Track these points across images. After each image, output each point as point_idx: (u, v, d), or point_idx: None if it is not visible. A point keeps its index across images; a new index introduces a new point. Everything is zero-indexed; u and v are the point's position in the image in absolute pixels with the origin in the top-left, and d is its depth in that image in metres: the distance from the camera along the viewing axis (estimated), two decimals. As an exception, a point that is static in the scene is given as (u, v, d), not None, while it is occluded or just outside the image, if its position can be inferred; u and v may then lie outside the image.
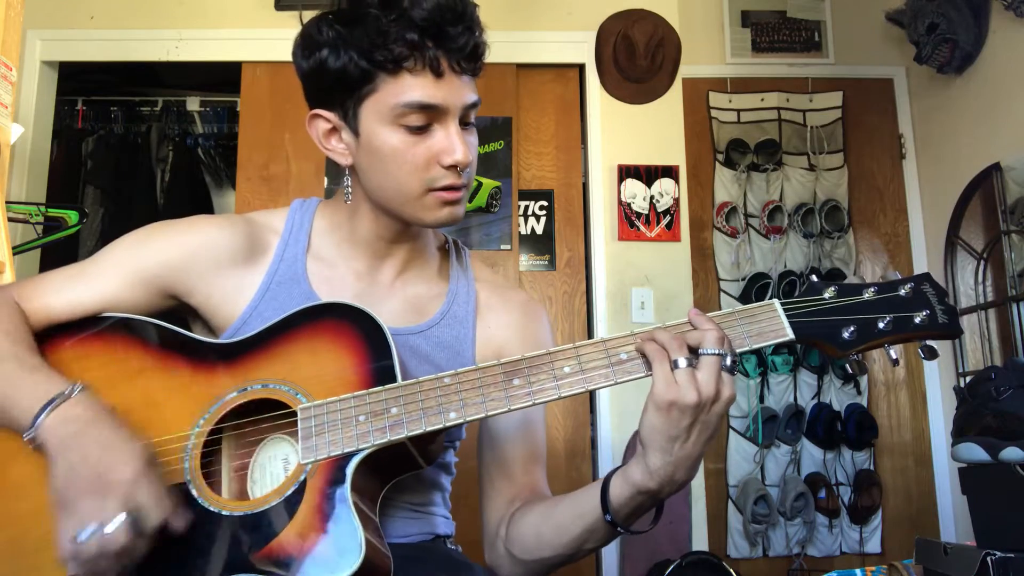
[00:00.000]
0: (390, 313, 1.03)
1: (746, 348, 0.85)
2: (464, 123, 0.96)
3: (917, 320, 0.85)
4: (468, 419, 0.83)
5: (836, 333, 0.85)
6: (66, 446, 0.79)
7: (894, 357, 0.86)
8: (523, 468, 1.03)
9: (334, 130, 0.98)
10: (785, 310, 0.86)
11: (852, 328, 0.85)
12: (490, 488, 1.04)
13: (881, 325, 0.85)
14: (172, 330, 0.96)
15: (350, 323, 0.90)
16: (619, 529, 0.87)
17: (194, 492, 0.85)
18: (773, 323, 0.85)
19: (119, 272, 0.97)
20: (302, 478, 0.83)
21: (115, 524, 0.74)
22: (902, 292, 0.87)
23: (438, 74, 0.91)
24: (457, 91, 0.93)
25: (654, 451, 0.80)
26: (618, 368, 0.83)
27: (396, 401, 0.84)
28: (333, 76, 0.93)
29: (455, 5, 0.91)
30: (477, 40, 0.93)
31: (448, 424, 0.83)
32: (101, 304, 0.96)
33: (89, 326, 0.96)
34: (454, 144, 0.93)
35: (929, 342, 0.87)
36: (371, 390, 0.85)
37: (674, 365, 0.79)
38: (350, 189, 1.02)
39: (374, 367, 0.87)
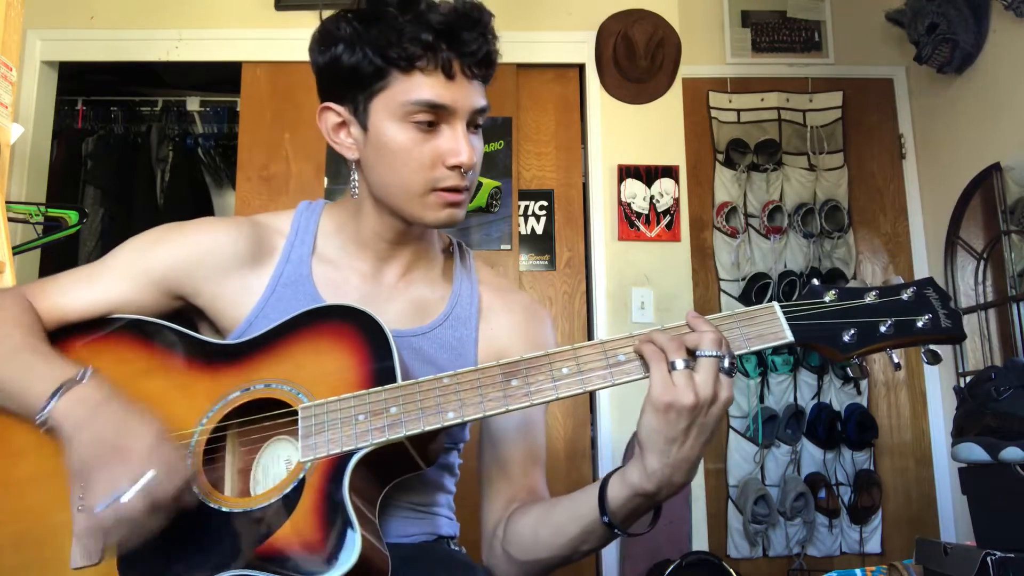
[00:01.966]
0: (394, 314, 1.04)
1: (745, 350, 0.84)
2: (472, 127, 0.98)
3: (920, 324, 0.85)
4: (466, 419, 0.83)
5: (836, 336, 0.85)
6: (80, 426, 0.82)
7: (896, 361, 0.86)
8: (522, 469, 1.03)
9: (343, 124, 1.00)
10: (785, 312, 0.85)
11: (853, 331, 0.84)
12: (489, 489, 1.04)
13: (883, 329, 0.85)
14: (180, 331, 0.98)
15: (353, 325, 0.90)
16: (616, 531, 0.86)
17: (196, 489, 0.86)
18: (772, 325, 0.85)
19: (128, 274, 1.00)
20: (301, 476, 0.84)
21: (131, 492, 0.76)
22: (904, 296, 0.86)
23: (449, 76, 0.93)
24: (467, 94, 0.95)
25: (652, 453, 0.80)
26: (616, 370, 0.83)
27: (395, 401, 0.84)
28: (347, 71, 0.95)
29: (472, 12, 0.93)
30: (490, 47, 0.96)
31: (446, 424, 0.83)
32: (110, 305, 0.99)
33: (100, 327, 0.98)
34: (460, 145, 0.95)
35: (932, 346, 0.86)
36: (371, 390, 0.85)
37: (671, 367, 0.79)
38: (356, 185, 1.03)
39: (375, 368, 0.87)
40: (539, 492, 1.03)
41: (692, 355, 0.80)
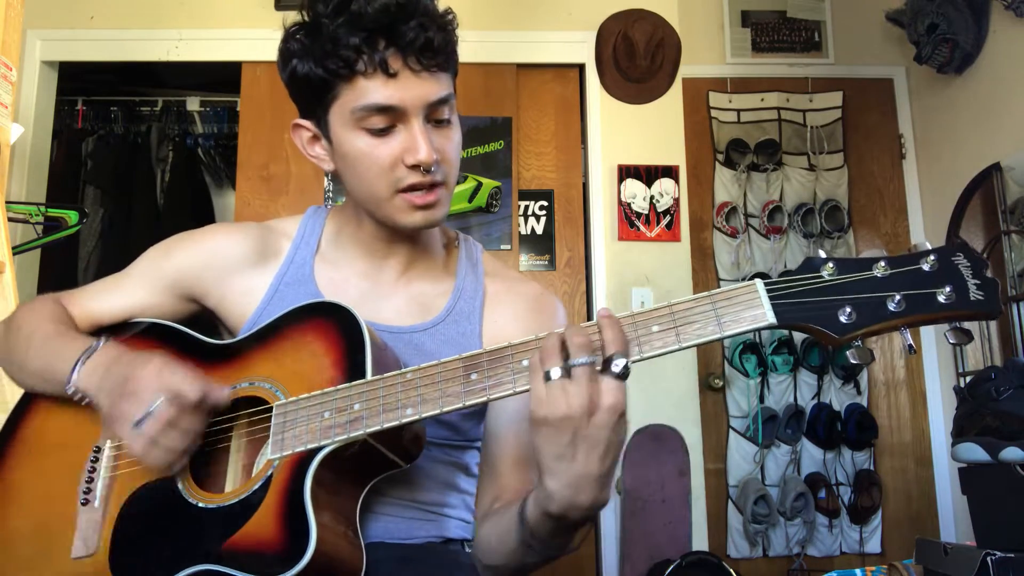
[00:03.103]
0: (395, 311, 1.04)
1: (716, 336, 0.74)
2: (436, 120, 0.95)
3: (941, 298, 0.71)
4: (423, 416, 0.80)
5: (831, 316, 0.73)
6: (100, 384, 0.91)
7: (908, 343, 0.74)
8: (511, 469, 1.00)
9: (315, 138, 1.01)
10: (769, 291, 0.74)
11: (850, 309, 0.72)
12: (480, 488, 1.04)
13: (891, 305, 0.72)
14: (185, 332, 1.02)
15: (332, 321, 0.91)
16: (534, 550, 0.83)
17: (179, 484, 0.89)
18: (752, 306, 0.74)
19: (145, 281, 1.07)
20: (268, 473, 0.84)
21: (155, 403, 0.84)
22: (924, 266, 0.73)
23: (390, 74, 0.90)
24: (416, 89, 0.91)
25: (545, 474, 0.74)
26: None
27: (360, 397, 0.83)
28: (302, 86, 0.95)
29: (404, 3, 0.90)
30: (430, 34, 0.90)
31: (403, 421, 0.80)
32: (133, 310, 1.06)
33: (120, 332, 1.04)
34: (416, 143, 0.92)
35: (960, 324, 0.73)
36: (340, 387, 0.85)
37: (546, 377, 0.72)
38: (330, 196, 1.03)
39: (349, 364, 0.87)
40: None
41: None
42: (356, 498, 0.90)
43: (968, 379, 2.34)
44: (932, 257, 0.73)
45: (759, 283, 0.75)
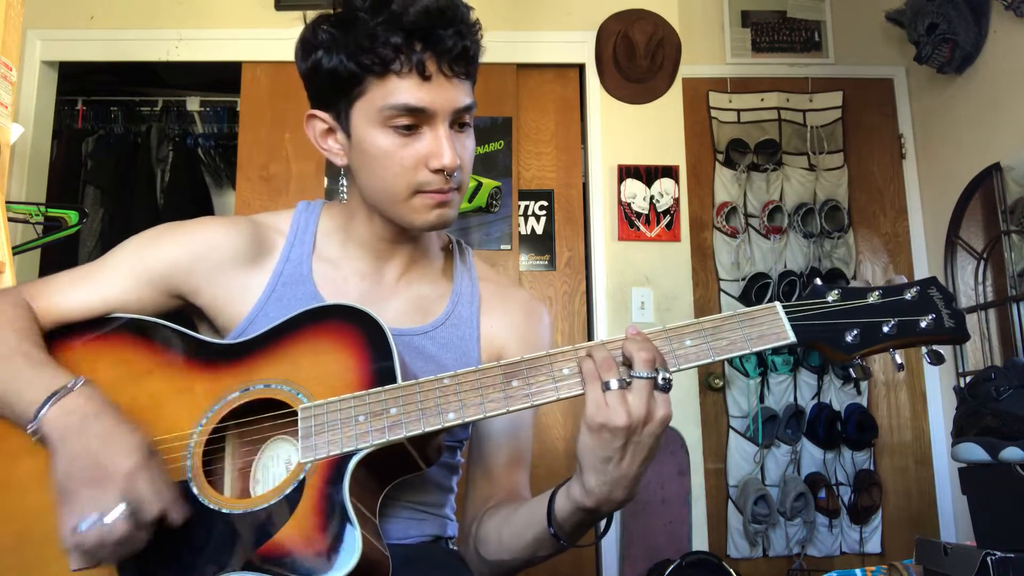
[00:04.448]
0: (395, 314, 1.04)
1: (746, 351, 0.84)
2: (457, 126, 0.96)
3: (923, 324, 0.85)
4: (466, 420, 0.82)
5: (839, 336, 0.84)
6: (67, 438, 0.81)
7: (899, 362, 0.86)
8: (504, 470, 1.04)
9: (330, 130, 1.00)
10: (787, 313, 0.85)
11: (855, 331, 0.84)
12: (471, 487, 1.06)
13: (886, 329, 0.84)
14: (179, 331, 0.97)
15: (353, 324, 0.90)
16: (562, 543, 0.87)
17: (195, 490, 0.85)
18: (774, 326, 0.85)
19: (127, 273, 0.99)
20: (301, 477, 0.84)
21: (114, 514, 0.76)
22: (908, 296, 0.86)
23: (425, 77, 0.91)
24: (446, 94, 0.92)
25: (589, 471, 0.80)
26: (622, 368, 0.83)
27: (395, 402, 0.84)
28: (326, 78, 0.94)
29: (444, 8, 0.90)
30: (467, 43, 0.92)
31: (446, 425, 0.83)
32: (109, 305, 0.98)
33: (98, 327, 0.97)
34: (442, 147, 0.92)
35: (935, 346, 0.86)
36: (371, 390, 0.85)
37: (605, 387, 0.79)
38: (344, 189, 1.03)
39: (375, 368, 0.87)
40: (519, 493, 1.03)
41: (627, 374, 0.80)
42: (377, 499, 0.90)
43: (968, 379, 2.34)
44: (914, 289, 0.86)
45: (778, 306, 0.86)
